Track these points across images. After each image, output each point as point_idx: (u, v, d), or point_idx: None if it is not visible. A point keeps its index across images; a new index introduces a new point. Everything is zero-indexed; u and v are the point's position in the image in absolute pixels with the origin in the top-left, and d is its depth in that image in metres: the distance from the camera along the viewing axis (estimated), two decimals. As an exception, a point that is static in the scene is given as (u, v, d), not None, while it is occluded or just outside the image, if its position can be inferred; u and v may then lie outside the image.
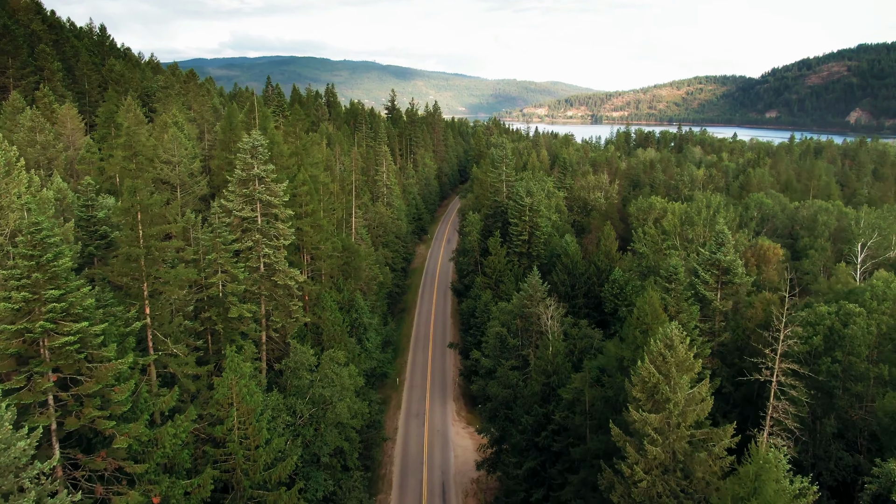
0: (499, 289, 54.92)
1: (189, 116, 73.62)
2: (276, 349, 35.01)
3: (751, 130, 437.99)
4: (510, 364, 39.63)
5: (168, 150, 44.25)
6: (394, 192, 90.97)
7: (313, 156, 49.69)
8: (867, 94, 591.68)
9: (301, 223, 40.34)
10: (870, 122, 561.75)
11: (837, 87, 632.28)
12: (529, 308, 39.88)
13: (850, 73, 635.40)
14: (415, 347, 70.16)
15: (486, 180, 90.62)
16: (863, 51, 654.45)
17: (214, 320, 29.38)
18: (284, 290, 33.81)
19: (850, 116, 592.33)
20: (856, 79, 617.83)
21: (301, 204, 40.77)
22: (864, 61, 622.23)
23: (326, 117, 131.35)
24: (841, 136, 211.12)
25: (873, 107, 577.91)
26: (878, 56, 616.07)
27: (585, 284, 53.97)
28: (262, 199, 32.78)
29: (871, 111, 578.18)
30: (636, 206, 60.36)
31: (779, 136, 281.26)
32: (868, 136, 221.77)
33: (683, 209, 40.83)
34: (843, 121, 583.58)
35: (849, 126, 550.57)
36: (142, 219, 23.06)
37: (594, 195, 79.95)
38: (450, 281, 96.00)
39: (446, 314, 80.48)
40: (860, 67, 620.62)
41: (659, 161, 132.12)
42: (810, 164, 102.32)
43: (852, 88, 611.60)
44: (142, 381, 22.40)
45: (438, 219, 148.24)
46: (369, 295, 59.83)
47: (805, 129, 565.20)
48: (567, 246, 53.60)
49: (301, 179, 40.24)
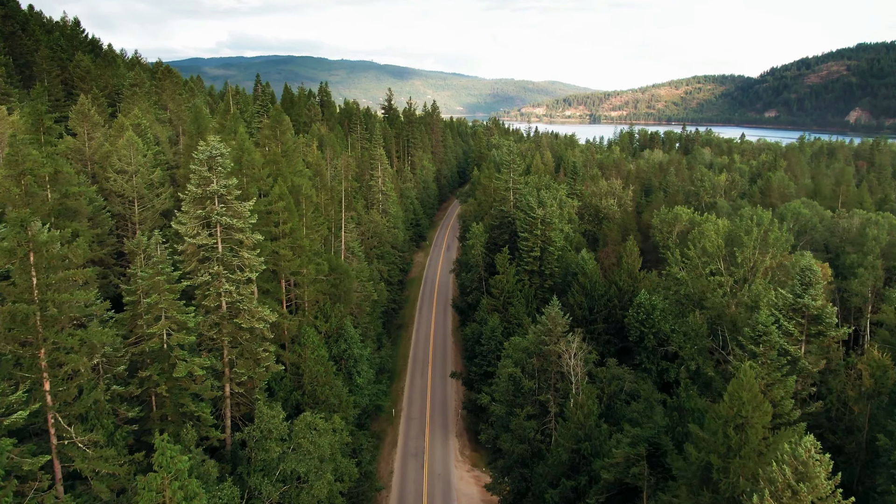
0: (507, 312, 48.60)
1: (164, 117, 67.03)
2: (243, 405, 28.53)
3: (750, 130, 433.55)
4: (526, 412, 33.36)
5: (123, 158, 37.68)
6: (390, 198, 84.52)
7: (296, 163, 43.18)
8: (867, 93, 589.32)
9: (278, 245, 33.88)
10: (870, 122, 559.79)
11: (837, 86, 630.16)
12: (548, 345, 33.67)
13: (849, 72, 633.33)
14: (413, 371, 63.71)
15: (490, 186, 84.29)
16: (862, 50, 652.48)
17: (156, 380, 22.90)
18: (251, 334, 27.34)
19: (849, 116, 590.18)
20: (855, 78, 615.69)
21: (278, 223, 34.33)
22: (864, 61, 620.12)
23: (319, 117, 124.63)
24: (841, 136, 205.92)
25: (873, 106, 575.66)
26: (877, 55, 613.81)
27: (606, 307, 47.74)
28: (222, 222, 26.30)
29: (871, 111, 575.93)
30: (659, 218, 54.05)
31: (779, 136, 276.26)
32: (868, 136, 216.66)
33: (726, 226, 34.77)
34: (842, 120, 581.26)
35: (848, 126, 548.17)
36: (35, 262, 16.58)
37: (606, 202, 73.69)
38: (450, 293, 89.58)
39: (447, 331, 74.05)
40: (859, 67, 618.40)
41: (668, 163, 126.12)
42: (840, 168, 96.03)
43: (852, 88, 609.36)
44: (31, 488, 15.95)
45: (437, 223, 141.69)
46: (361, 317, 53.41)
47: (805, 128, 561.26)
48: (584, 264, 47.31)
49: (277, 194, 33.76)
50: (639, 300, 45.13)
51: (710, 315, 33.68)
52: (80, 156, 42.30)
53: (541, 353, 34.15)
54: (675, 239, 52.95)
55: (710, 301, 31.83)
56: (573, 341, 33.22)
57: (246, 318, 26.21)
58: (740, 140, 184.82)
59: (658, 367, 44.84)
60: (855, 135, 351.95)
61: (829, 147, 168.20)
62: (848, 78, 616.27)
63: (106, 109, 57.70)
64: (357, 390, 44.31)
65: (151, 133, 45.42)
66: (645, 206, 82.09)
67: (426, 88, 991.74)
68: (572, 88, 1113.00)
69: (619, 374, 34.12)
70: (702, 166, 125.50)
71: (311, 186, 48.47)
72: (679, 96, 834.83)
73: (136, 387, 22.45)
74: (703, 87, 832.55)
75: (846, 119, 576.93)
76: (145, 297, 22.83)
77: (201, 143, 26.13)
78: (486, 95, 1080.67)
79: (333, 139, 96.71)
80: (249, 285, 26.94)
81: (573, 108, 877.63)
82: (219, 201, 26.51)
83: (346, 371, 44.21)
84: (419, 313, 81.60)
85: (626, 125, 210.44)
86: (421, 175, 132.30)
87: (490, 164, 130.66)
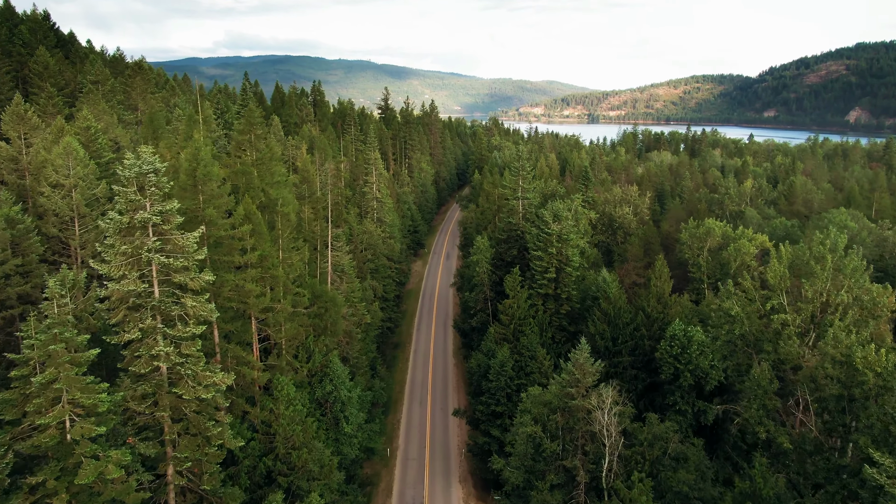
0: (518, 342, 42.23)
1: (133, 119, 60.41)
2: (190, 492, 22.05)
3: (750, 130, 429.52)
4: (549, 481, 27.06)
5: (60, 169, 31.18)
6: (385, 205, 78.03)
7: (275, 172, 36.70)
8: (866, 92, 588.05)
9: (242, 278, 27.43)
10: (870, 122, 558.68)
11: (836, 86, 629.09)
12: (575, 399, 27.44)
13: (848, 71, 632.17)
14: (410, 401, 57.26)
15: (494, 193, 77.93)
16: (861, 49, 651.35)
17: (53, 488, 16.45)
18: (200, 403, 20.90)
19: (849, 115, 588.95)
20: (855, 78, 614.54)
21: (245, 249, 27.88)
22: (863, 60, 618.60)
23: (312, 118, 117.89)
24: (841, 136, 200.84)
25: (873, 106, 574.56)
26: (876, 55, 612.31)
27: (632, 337, 41.51)
28: (156, 260, 19.85)
29: (871, 110, 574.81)
30: (688, 233, 47.70)
31: (782, 136, 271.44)
32: (869, 136, 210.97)
33: (790, 252, 28.62)
34: (842, 120, 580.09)
35: (849, 125, 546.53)
36: None
37: (621, 211, 67.39)
38: (451, 308, 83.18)
39: (447, 353, 67.69)
40: (859, 66, 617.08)
41: (678, 166, 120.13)
42: (874, 173, 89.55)
43: (851, 87, 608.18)
44: None
45: (436, 228, 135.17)
46: (352, 344, 46.97)
47: (804, 128, 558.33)
48: (607, 287, 41.01)
49: (242, 214, 27.32)
50: (672, 331, 38.85)
51: (772, 360, 27.42)
52: (16, 165, 35.74)
53: (566, 408, 27.88)
54: (705, 256, 46.72)
55: (782, 350, 25.61)
56: (606, 394, 26.94)
57: (187, 388, 19.76)
58: (748, 141, 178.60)
59: (694, 408, 38.63)
60: (855, 134, 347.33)
61: (842, 148, 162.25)
62: (847, 77, 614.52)
63: (64, 110, 51.12)
64: (345, 439, 37.92)
65: (106, 139, 38.90)
66: (661, 214, 75.87)
67: (424, 88, 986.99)
68: (570, 88, 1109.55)
69: (662, 434, 27.87)
70: (714, 169, 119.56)
71: (294, 198, 42.00)
72: (677, 96, 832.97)
73: (21, 500, 15.99)
74: (702, 87, 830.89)
75: (846, 119, 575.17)
76: (37, 373, 16.38)
77: (127, 156, 19.66)
78: (484, 95, 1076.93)
79: (325, 142, 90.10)
80: (194, 342, 20.47)
81: (571, 108, 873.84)
82: (153, 232, 20.05)
83: (331, 416, 37.82)
84: (417, 331, 75.18)
85: (624, 125, 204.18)
86: (419, 178, 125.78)
87: (493, 167, 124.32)
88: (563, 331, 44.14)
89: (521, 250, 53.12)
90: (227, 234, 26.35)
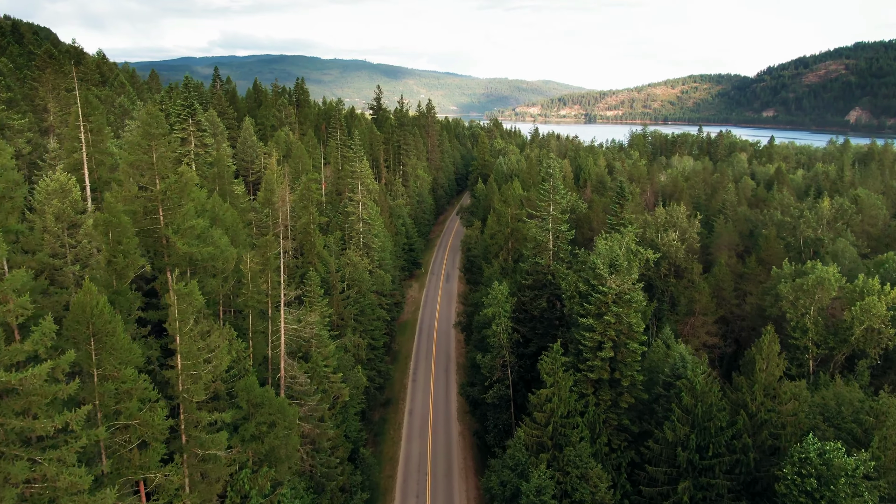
0: (560, 452, 28.90)
1: (38, 125, 46.44)
2: None
3: (750, 130, 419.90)
4: None
5: None
6: (374, 227, 64.38)
7: (188, 219, 23.00)
8: (866, 92, 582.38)
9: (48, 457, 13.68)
10: (870, 122, 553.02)
11: (835, 85, 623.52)
12: None
13: (848, 71, 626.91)
14: (403, 493, 43.49)
15: (507, 213, 64.56)
16: (860, 49, 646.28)
17: None
18: None
19: (849, 115, 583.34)
20: (854, 77, 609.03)
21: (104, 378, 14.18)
22: (862, 60, 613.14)
23: (293, 119, 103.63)
24: (841, 136, 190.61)
25: (873, 105, 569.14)
26: (876, 54, 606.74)
27: (728, 449, 28.37)
28: None
29: (871, 110, 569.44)
30: (791, 287, 33.97)
31: (780, 136, 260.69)
32: (870, 136, 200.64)
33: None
34: (842, 120, 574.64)
35: (848, 125, 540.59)
36: None
37: (667, 238, 54.07)
38: (452, 349, 69.61)
39: (450, 416, 54.01)
40: (858, 66, 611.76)
41: (704, 173, 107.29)
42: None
43: (851, 87, 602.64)
44: None
45: (434, 242, 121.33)
46: (318, 457, 33.28)
47: (804, 128, 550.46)
48: (693, 376, 27.73)
49: (78, 312, 13.64)
50: (800, 452, 25.57)
51: None
52: None
53: None
54: (812, 316, 33.55)
55: None
56: None
57: None
58: (768, 143, 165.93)
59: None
60: (856, 135, 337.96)
61: (868, 151, 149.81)
62: (847, 77, 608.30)
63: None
64: None
65: None
66: (709, 238, 62.57)
67: (420, 88, 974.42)
68: (566, 88, 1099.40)
69: None
70: (747, 177, 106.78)
71: (228, 244, 28.23)
72: (675, 95, 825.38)
73: None
74: (700, 87, 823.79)
75: (846, 119, 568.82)
76: None
77: None
78: (480, 95, 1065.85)
79: (303, 149, 76.17)
80: None
81: (568, 108, 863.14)
82: None
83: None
84: (413, 381, 61.59)
85: (622, 125, 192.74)
86: (415, 187, 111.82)
87: (499, 176, 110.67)
88: (622, 431, 30.78)
89: (550, 301, 39.67)
90: (15, 378, 12.63)
